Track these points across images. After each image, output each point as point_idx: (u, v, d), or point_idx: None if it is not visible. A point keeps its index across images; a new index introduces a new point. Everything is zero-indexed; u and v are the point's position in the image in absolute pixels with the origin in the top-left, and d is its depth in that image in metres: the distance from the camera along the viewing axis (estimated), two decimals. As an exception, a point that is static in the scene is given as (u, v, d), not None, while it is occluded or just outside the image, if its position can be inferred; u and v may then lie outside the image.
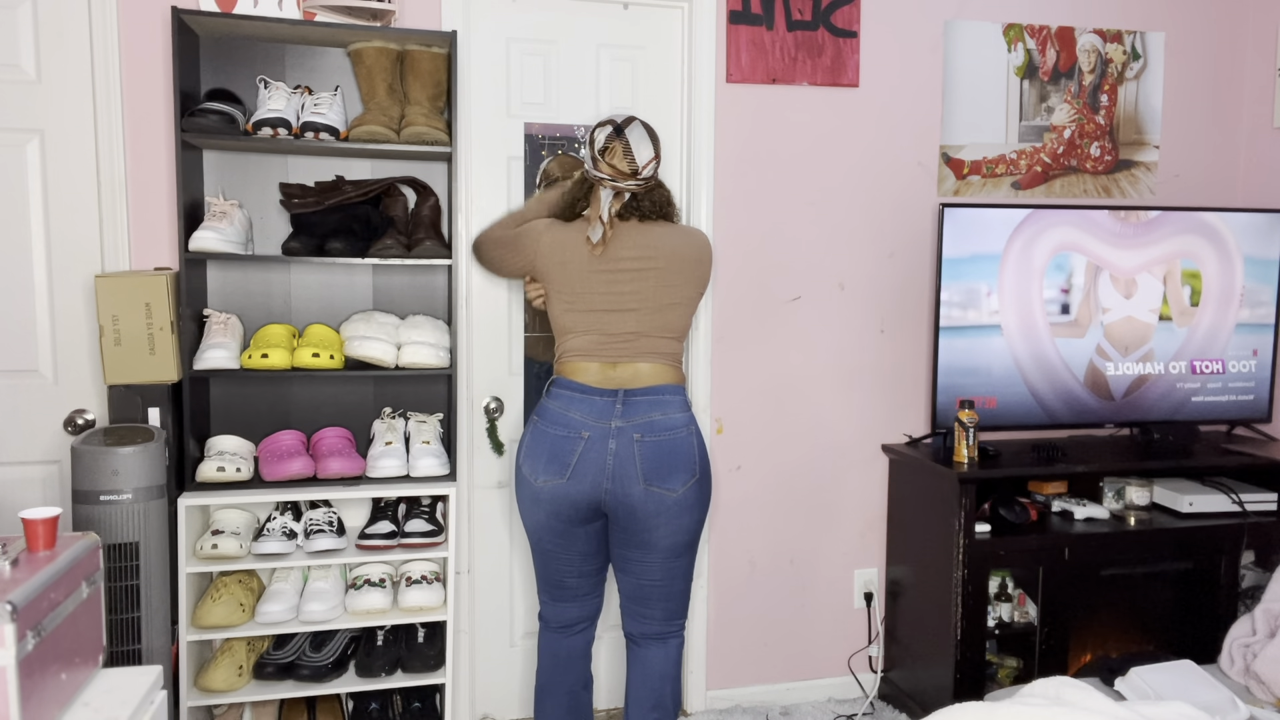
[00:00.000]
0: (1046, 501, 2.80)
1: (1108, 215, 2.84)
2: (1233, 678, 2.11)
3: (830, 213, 2.90)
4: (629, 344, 2.17)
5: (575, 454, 2.11)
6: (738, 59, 2.77)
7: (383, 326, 2.43)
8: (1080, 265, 2.83)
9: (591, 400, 2.14)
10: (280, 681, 2.38)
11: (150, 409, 2.27)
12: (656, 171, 2.22)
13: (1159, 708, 1.61)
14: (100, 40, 2.38)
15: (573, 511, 2.15)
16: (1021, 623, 2.68)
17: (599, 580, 2.31)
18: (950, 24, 2.93)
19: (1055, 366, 2.84)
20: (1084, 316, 2.85)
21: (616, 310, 2.16)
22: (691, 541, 2.20)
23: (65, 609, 1.53)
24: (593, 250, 2.15)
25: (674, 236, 2.21)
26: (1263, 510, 2.76)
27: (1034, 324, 2.82)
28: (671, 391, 2.17)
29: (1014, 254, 2.78)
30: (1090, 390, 2.87)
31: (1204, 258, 2.90)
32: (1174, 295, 2.90)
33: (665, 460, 2.11)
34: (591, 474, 2.11)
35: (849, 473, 2.98)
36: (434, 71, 2.46)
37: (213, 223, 2.30)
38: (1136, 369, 2.89)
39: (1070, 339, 2.85)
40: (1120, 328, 2.88)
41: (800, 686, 2.99)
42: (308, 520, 2.43)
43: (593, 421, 2.12)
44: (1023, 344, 2.81)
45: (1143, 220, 2.86)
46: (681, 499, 2.13)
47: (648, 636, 2.25)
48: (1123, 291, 2.86)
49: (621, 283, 2.16)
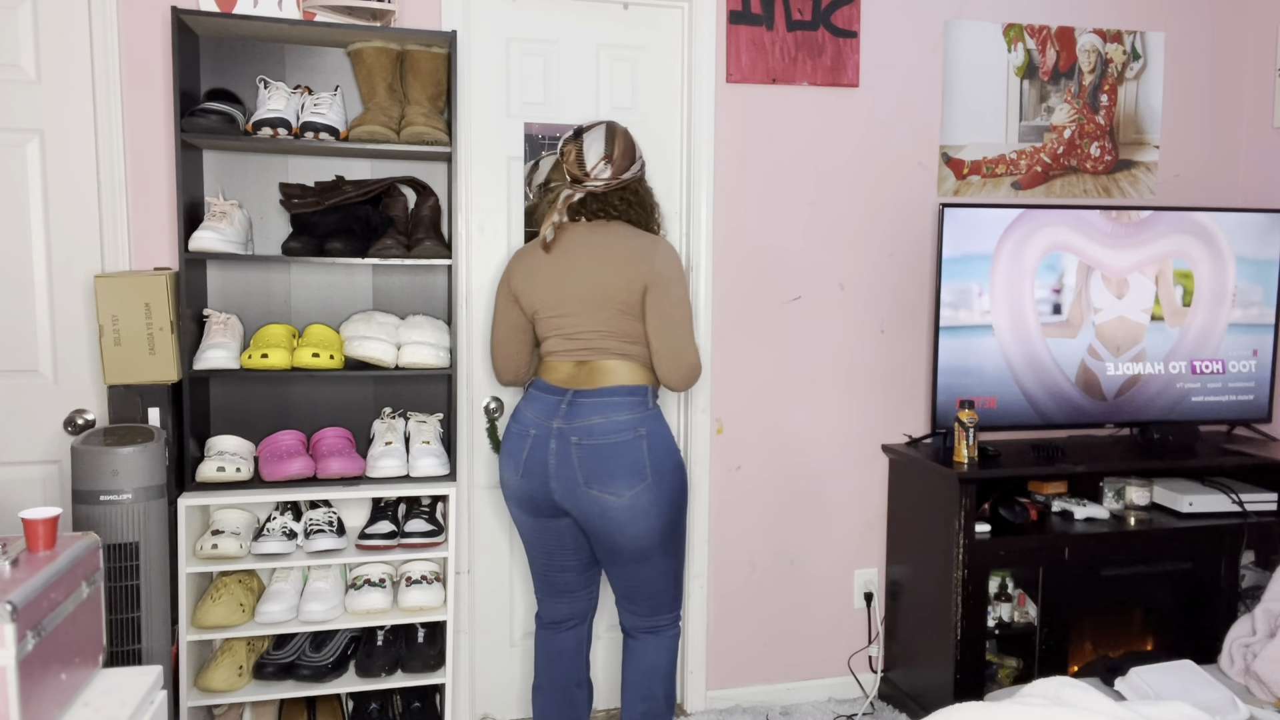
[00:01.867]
0: (1046, 501, 2.80)
1: (1099, 215, 2.83)
2: (1233, 678, 2.11)
3: (830, 213, 2.90)
4: (589, 344, 2.16)
5: (524, 451, 2.17)
6: (738, 59, 2.77)
7: (383, 326, 2.43)
8: (1072, 265, 2.83)
9: (544, 399, 2.17)
10: (280, 681, 2.38)
11: (150, 409, 2.27)
12: (614, 173, 2.18)
13: (1159, 708, 1.61)
14: (100, 40, 2.38)
15: (533, 506, 2.20)
16: (1021, 623, 2.68)
17: (589, 578, 2.32)
18: (950, 24, 2.93)
19: (1047, 366, 2.84)
20: (1076, 316, 2.85)
21: (569, 313, 2.17)
22: (659, 544, 2.16)
23: (65, 609, 1.53)
24: (545, 250, 2.18)
25: (622, 240, 2.16)
26: (1263, 510, 2.76)
27: (1025, 324, 2.82)
28: (624, 393, 2.14)
29: (1005, 254, 2.78)
30: (1082, 390, 2.87)
31: (1196, 258, 2.90)
32: (1166, 295, 2.90)
33: (604, 464, 2.09)
34: (538, 472, 2.15)
35: (849, 473, 2.98)
36: (434, 71, 2.46)
37: (213, 223, 2.30)
38: (1128, 369, 2.89)
39: (1062, 339, 2.85)
40: (1112, 328, 2.88)
41: (800, 686, 2.99)
42: (308, 520, 2.43)
43: (540, 420, 2.16)
44: (1014, 344, 2.81)
45: (1134, 220, 2.85)
46: (630, 504, 2.09)
47: (639, 629, 2.28)
48: (1114, 291, 2.86)
49: (569, 285, 2.16)
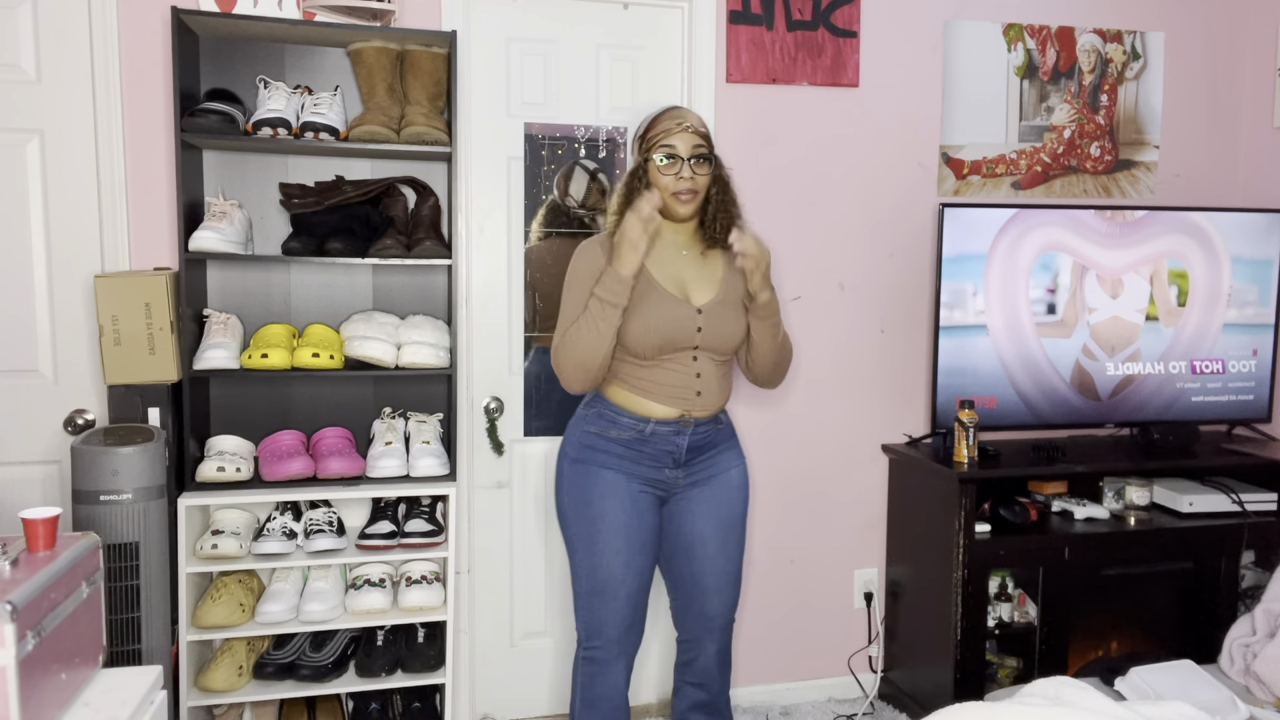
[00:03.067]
0: (1046, 501, 2.80)
1: (1094, 214, 2.83)
2: (1233, 678, 2.11)
3: (830, 213, 2.90)
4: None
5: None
6: (738, 59, 2.77)
7: (383, 326, 2.43)
8: (1066, 265, 2.83)
9: None
10: (280, 681, 2.37)
11: (150, 409, 2.27)
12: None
13: (1159, 708, 1.61)
14: (100, 40, 2.38)
15: None
16: (1021, 623, 2.68)
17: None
18: (950, 24, 2.93)
19: (1041, 366, 2.84)
20: (1070, 316, 2.85)
21: None
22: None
23: (65, 609, 1.53)
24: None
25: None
26: (1263, 510, 2.76)
27: (1020, 324, 2.82)
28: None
29: (1000, 254, 2.78)
30: (1077, 390, 2.87)
31: (1191, 258, 2.90)
32: (1161, 295, 2.90)
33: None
34: None
35: (849, 473, 2.98)
36: (434, 71, 2.46)
37: (213, 223, 2.30)
38: (1123, 369, 2.89)
39: (1056, 339, 2.85)
40: (1107, 328, 2.88)
41: (800, 686, 2.99)
42: (308, 520, 2.42)
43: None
44: (1009, 344, 2.81)
45: (1129, 220, 2.85)
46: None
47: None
48: (1109, 291, 2.86)
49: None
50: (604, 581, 2.08)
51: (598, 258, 2.06)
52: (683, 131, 2.04)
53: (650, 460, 2.10)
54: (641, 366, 2.08)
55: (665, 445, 2.10)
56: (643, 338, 2.03)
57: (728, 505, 2.17)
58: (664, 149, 2.04)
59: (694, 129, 2.06)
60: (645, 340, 2.04)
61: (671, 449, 2.10)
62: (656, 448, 2.10)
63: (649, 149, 2.06)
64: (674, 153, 2.04)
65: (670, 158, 2.04)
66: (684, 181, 2.04)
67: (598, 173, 2.75)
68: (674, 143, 2.04)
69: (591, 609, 2.11)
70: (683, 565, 2.18)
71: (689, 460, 2.13)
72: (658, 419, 2.08)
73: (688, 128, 2.05)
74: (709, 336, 2.07)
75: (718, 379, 2.12)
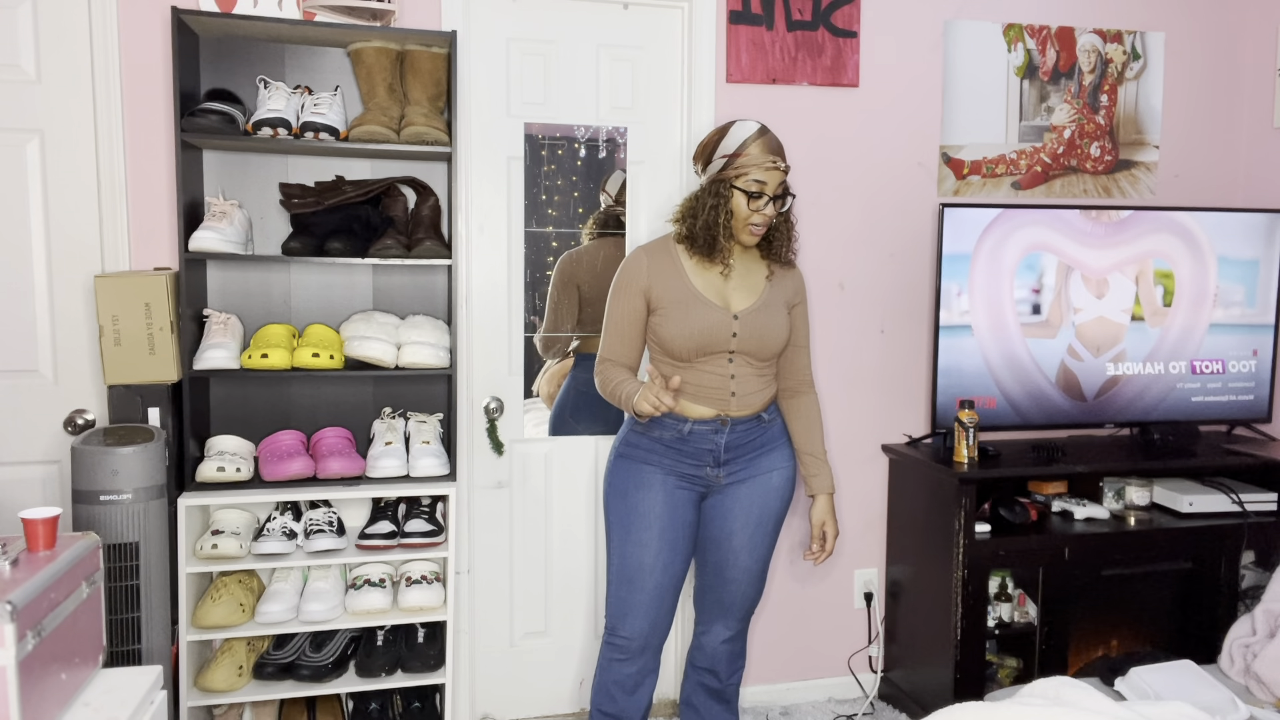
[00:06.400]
0: (1046, 501, 2.80)
1: (1079, 215, 2.83)
2: (1233, 678, 2.11)
3: (830, 213, 2.90)
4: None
5: None
6: (738, 59, 2.77)
7: (383, 326, 2.43)
8: (1051, 265, 2.83)
9: None
10: (280, 681, 2.37)
11: (150, 409, 2.27)
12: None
13: (1159, 708, 1.61)
14: (100, 40, 2.38)
15: None
16: (1021, 623, 2.68)
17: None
18: (950, 24, 2.93)
19: (1026, 367, 2.83)
20: (1055, 317, 2.85)
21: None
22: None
23: (65, 609, 1.53)
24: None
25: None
26: (1263, 510, 2.76)
27: (1005, 324, 2.82)
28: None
29: (984, 254, 2.77)
30: (1062, 390, 2.87)
31: (1177, 258, 2.90)
32: (1146, 295, 2.90)
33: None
34: None
35: (849, 473, 2.98)
36: (434, 71, 2.46)
37: (213, 223, 2.30)
38: (1108, 369, 2.89)
39: (1041, 339, 2.84)
40: (1092, 328, 2.87)
41: (800, 686, 2.99)
42: (308, 520, 2.43)
43: None
44: (993, 344, 2.81)
45: (1115, 220, 2.85)
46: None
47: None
48: (1094, 291, 2.86)
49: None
50: (633, 570, 2.15)
51: (641, 273, 2.16)
52: (775, 170, 2.10)
53: (690, 459, 2.17)
54: (680, 368, 2.15)
55: (705, 444, 2.16)
56: (681, 342, 2.12)
57: (762, 504, 2.22)
58: (756, 183, 2.09)
59: (786, 169, 2.12)
60: (683, 344, 2.12)
61: (711, 447, 2.17)
62: (697, 446, 2.16)
63: (737, 175, 2.10)
64: (763, 190, 2.09)
65: (758, 195, 2.08)
66: (762, 217, 2.11)
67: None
68: (765, 179, 2.09)
69: (619, 597, 2.18)
70: (710, 554, 2.26)
71: (730, 459, 2.19)
72: (696, 419, 2.16)
73: (782, 168, 2.11)
74: (745, 341, 2.14)
75: (755, 381, 2.18)
